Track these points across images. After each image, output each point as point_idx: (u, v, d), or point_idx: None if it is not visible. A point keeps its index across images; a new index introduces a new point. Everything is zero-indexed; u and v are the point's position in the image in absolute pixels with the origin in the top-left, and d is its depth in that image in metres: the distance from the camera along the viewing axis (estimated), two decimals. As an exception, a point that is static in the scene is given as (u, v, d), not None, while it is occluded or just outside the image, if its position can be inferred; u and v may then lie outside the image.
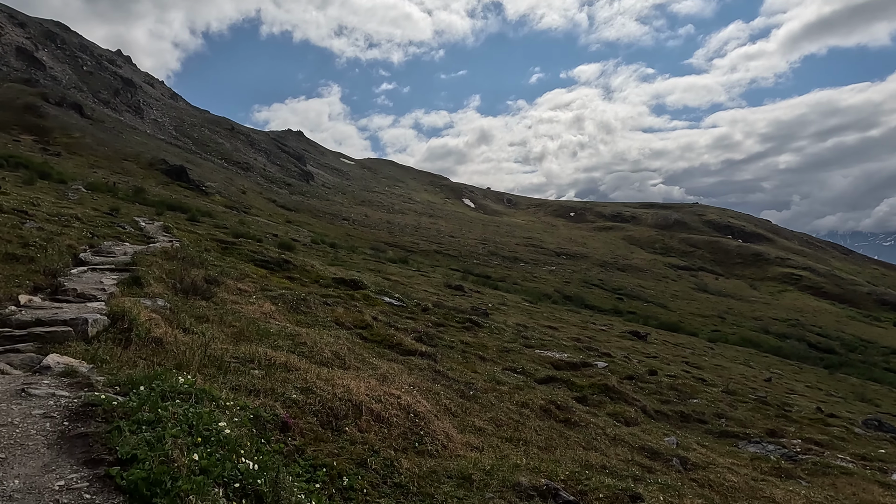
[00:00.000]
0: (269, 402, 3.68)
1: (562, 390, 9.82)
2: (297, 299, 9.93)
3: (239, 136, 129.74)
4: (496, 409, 6.58)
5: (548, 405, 7.41)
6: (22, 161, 44.43)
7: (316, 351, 6.16)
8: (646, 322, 66.29)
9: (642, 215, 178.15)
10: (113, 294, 6.95)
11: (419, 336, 10.75)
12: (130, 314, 5.27)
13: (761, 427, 11.41)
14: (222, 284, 9.43)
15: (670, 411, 10.80)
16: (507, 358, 12.04)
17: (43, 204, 19.12)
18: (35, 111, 74.14)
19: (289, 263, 18.28)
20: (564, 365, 12.79)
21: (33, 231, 10.51)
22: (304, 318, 9.15)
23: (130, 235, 16.09)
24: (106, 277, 8.14)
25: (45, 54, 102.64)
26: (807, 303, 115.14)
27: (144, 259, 9.59)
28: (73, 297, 6.63)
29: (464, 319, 16.67)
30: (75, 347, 4.75)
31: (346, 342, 7.66)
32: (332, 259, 42.64)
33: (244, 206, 71.70)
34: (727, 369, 37.62)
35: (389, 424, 4.31)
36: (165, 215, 35.08)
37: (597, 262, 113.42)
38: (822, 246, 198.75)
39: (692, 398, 13.01)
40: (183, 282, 7.98)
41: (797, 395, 30.66)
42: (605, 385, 10.60)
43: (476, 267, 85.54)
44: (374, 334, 9.26)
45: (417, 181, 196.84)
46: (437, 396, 5.91)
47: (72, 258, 9.66)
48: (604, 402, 9.71)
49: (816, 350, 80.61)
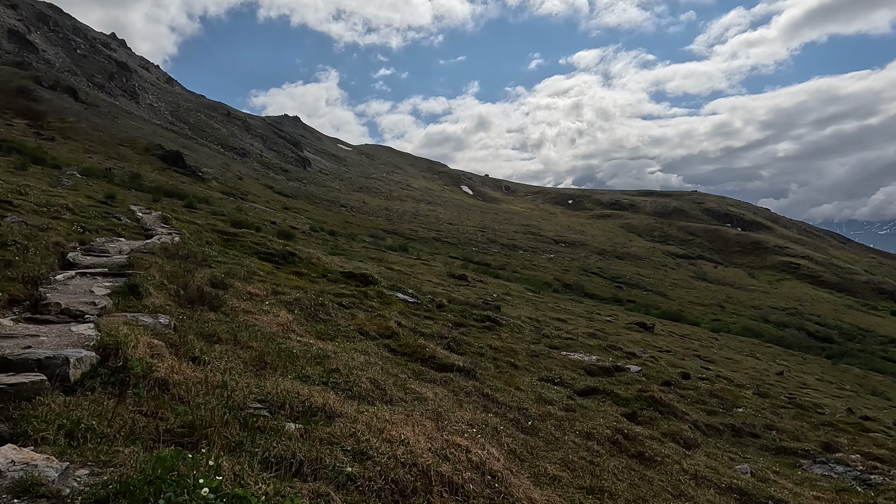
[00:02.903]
0: (320, 488, 2.74)
1: (609, 405, 8.93)
2: (314, 305, 8.97)
3: (235, 121, 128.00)
4: (562, 446, 5.67)
5: (614, 435, 6.53)
6: (15, 146, 43.18)
7: (352, 380, 5.21)
8: (647, 311, 65.68)
9: (641, 203, 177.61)
10: (105, 309, 5.85)
11: (447, 343, 9.84)
12: (126, 346, 4.17)
13: (813, 439, 10.59)
14: (230, 288, 8.44)
15: (720, 425, 9.98)
16: (538, 364, 11.16)
17: (31, 192, 18.00)
18: (28, 95, 72.38)
19: (294, 256, 17.30)
20: (598, 370, 11.94)
21: (14, 227, 9.35)
22: (324, 327, 8.20)
23: (126, 228, 15.03)
24: (97, 285, 7.06)
25: (37, 37, 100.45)
26: (805, 291, 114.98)
27: (142, 260, 8.53)
28: (55, 315, 5.48)
29: (481, 317, 15.83)
30: (49, 407, 3.51)
31: (377, 359, 6.72)
32: (333, 248, 41.70)
33: (241, 193, 70.56)
34: (738, 362, 36.95)
35: (466, 495, 3.37)
36: (162, 202, 34.07)
37: (595, 249, 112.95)
38: (821, 234, 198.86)
39: (735, 406, 12.19)
40: (187, 288, 7.02)
41: (812, 390, 30.00)
42: (652, 397, 9.73)
43: (475, 255, 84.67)
44: (401, 345, 8.34)
45: (415, 168, 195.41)
46: (497, 435, 5.00)
47: (58, 259, 8.50)
48: (655, 418, 8.84)
49: (815, 339, 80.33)
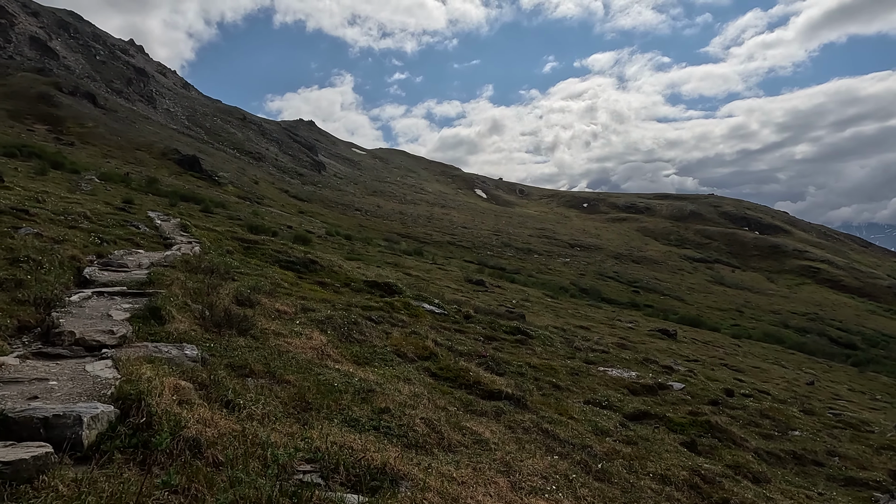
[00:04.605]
0: None
1: (664, 432, 8.26)
2: (347, 323, 8.39)
3: (251, 125, 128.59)
4: (641, 495, 5.05)
5: (692, 477, 5.88)
6: (35, 151, 43.45)
7: (405, 422, 4.62)
8: (665, 316, 64.57)
9: (657, 206, 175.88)
10: (125, 337, 5.25)
11: (486, 363, 9.23)
12: (149, 395, 3.43)
13: (879, 467, 9.83)
14: (257, 305, 7.90)
15: (781, 452, 9.25)
16: (580, 384, 10.49)
17: (49, 199, 17.65)
18: (48, 101, 73.09)
19: (315, 264, 16.78)
20: (641, 389, 11.24)
21: (28, 240, 8.80)
22: (359, 349, 7.61)
23: (145, 237, 14.57)
24: (115, 307, 6.47)
25: (58, 44, 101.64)
26: (826, 296, 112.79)
27: (163, 276, 7.98)
28: (67, 347, 4.85)
29: (511, 329, 15.19)
30: (55, 492, 2.69)
31: (422, 386, 6.13)
32: (349, 252, 41.40)
33: (257, 197, 70.56)
34: (766, 371, 35.89)
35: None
36: (179, 206, 33.85)
37: (611, 253, 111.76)
38: (841, 238, 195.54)
39: (790, 429, 11.42)
40: (213, 309, 6.47)
41: (846, 402, 28.97)
42: (708, 422, 9.02)
43: (490, 258, 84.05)
44: (442, 368, 7.73)
45: (429, 171, 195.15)
46: (571, 486, 4.37)
47: (74, 275, 7.93)
48: (715, 447, 8.15)
49: (838, 345, 78.52)
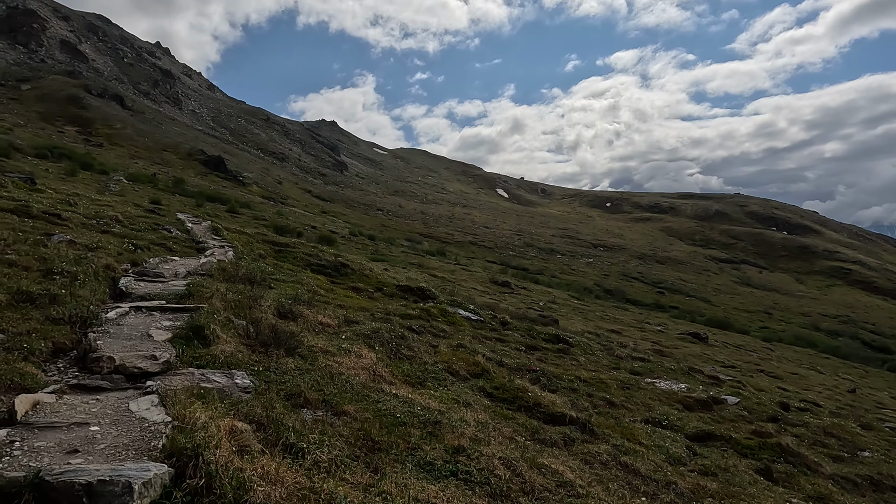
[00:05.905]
0: None
1: (733, 457, 7.65)
2: (395, 337, 7.97)
3: (274, 126, 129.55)
4: None
5: None
6: (65, 152, 44.32)
7: (483, 465, 4.15)
8: (692, 318, 63.23)
9: (681, 206, 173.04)
10: (168, 363, 4.73)
11: (537, 378, 8.74)
12: (206, 452, 2.97)
13: (961, 492, 9.13)
14: (300, 317, 7.52)
15: (857, 477, 8.59)
16: (633, 399, 9.92)
17: (80, 202, 17.56)
18: (78, 103, 74.32)
19: (346, 267, 16.44)
20: (694, 404, 10.61)
21: (62, 248, 8.48)
22: (410, 367, 7.17)
23: (177, 241, 14.33)
24: (155, 324, 6.04)
25: (87, 47, 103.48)
26: (857, 298, 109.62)
27: (202, 288, 7.60)
28: (107, 377, 4.41)
29: (550, 337, 14.65)
30: None
31: (485, 414, 5.65)
32: (373, 253, 41.28)
33: (281, 197, 70.86)
34: (804, 378, 34.72)
35: None
36: (205, 207, 34.00)
37: (635, 254, 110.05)
38: (873, 238, 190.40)
39: (859, 449, 10.70)
40: (258, 326, 6.08)
41: (889, 411, 27.83)
42: (779, 445, 8.38)
43: (513, 259, 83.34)
44: (496, 387, 7.26)
45: (450, 171, 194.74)
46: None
47: (109, 286, 7.53)
48: (792, 474, 7.52)
49: (871, 349, 76.07)
